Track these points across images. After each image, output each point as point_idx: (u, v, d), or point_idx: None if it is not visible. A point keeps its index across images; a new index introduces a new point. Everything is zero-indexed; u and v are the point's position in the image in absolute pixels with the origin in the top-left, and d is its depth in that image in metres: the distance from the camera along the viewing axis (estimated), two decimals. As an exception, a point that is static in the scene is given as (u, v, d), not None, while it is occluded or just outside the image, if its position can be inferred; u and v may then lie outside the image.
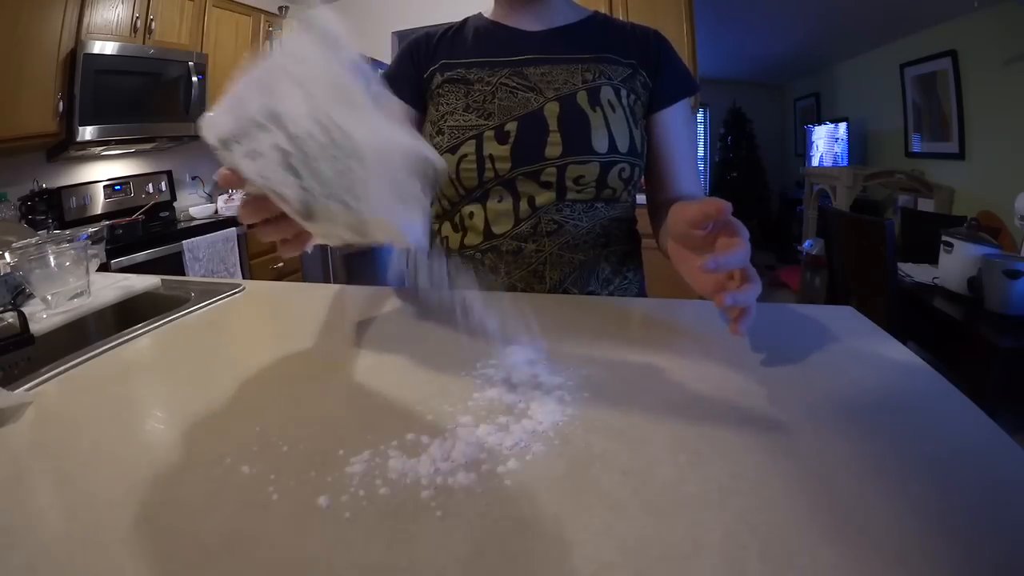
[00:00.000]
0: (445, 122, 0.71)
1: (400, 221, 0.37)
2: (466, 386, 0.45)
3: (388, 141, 0.36)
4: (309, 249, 0.48)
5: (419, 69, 0.76)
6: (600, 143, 0.67)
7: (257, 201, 0.39)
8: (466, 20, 0.80)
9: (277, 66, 0.37)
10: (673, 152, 0.74)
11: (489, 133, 0.68)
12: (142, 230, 2.38)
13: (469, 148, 0.68)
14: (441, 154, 0.70)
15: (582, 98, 0.68)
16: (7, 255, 0.75)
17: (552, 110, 0.68)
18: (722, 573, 0.26)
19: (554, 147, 0.67)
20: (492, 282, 0.71)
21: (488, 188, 0.69)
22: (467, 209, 0.72)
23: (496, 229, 0.70)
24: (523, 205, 0.69)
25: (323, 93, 0.36)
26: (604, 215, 0.72)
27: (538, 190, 0.69)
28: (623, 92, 0.70)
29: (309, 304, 0.70)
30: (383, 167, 0.36)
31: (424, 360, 0.50)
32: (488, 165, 0.68)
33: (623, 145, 0.68)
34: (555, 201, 0.69)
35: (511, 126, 0.68)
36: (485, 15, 0.79)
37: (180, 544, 0.29)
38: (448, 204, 0.74)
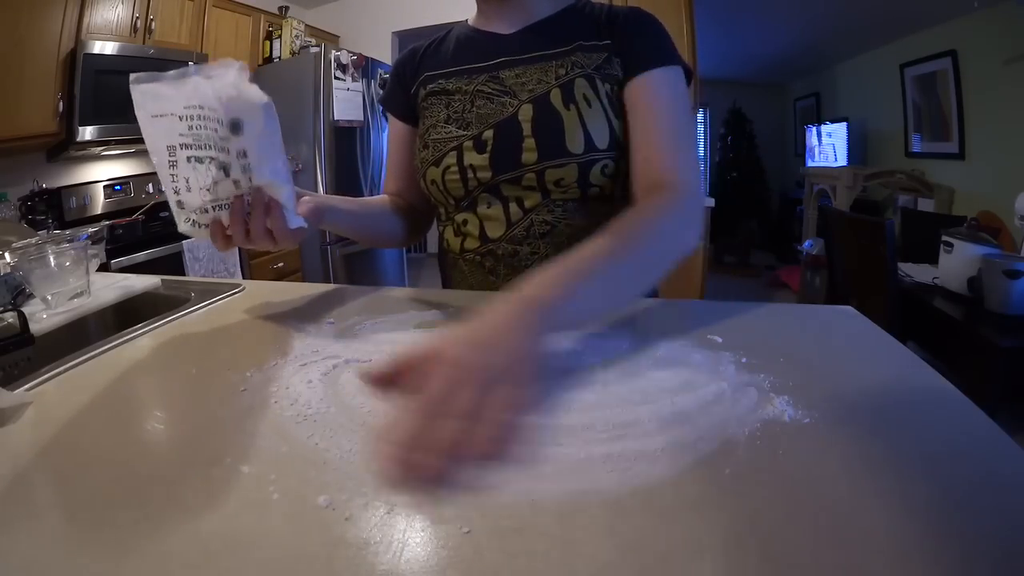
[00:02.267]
0: (429, 135, 0.72)
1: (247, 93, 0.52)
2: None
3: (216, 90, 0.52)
4: (292, 224, 0.57)
5: (406, 87, 0.78)
6: (576, 144, 0.65)
7: (213, 226, 0.57)
8: (450, 30, 0.79)
9: (145, 120, 0.55)
10: (645, 124, 0.65)
11: (468, 143, 0.68)
12: (142, 230, 2.38)
13: (451, 160, 0.69)
14: (427, 167, 0.71)
15: (555, 97, 0.66)
16: (7, 255, 0.75)
17: (526, 113, 0.67)
18: (722, 573, 0.26)
19: (530, 153, 0.66)
20: (492, 283, 0.72)
21: (475, 196, 0.70)
22: (460, 217, 0.73)
23: (491, 234, 0.71)
24: (513, 208, 0.69)
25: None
26: (598, 211, 0.69)
27: (524, 192, 0.68)
28: (598, 81, 0.67)
29: (309, 304, 0.70)
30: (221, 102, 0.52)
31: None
32: (470, 175, 0.68)
33: (601, 141, 0.65)
34: (543, 202, 0.68)
35: (488, 134, 0.67)
36: (469, 22, 0.78)
37: (180, 544, 0.29)
38: (444, 213, 0.76)
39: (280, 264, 2.86)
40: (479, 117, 0.69)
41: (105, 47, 2.22)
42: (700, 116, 5.72)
